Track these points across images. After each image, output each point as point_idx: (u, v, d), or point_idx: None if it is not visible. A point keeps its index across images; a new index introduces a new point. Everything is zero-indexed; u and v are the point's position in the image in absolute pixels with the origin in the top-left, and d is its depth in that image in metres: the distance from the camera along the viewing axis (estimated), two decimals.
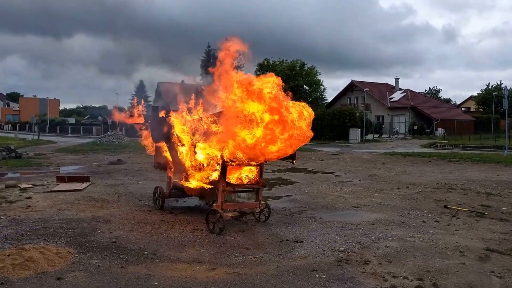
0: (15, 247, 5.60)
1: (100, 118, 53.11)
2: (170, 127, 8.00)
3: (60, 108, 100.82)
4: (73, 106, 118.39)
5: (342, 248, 6.13)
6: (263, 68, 48.47)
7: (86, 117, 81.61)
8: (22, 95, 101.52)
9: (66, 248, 5.78)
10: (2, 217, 7.49)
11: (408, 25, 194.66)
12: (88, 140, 34.99)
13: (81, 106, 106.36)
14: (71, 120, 77.43)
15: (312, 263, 5.48)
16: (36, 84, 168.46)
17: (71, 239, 6.27)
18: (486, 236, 6.92)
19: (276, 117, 6.33)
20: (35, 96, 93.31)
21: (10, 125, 76.74)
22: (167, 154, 8.48)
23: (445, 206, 9.23)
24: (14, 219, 7.35)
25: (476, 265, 5.51)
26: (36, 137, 39.29)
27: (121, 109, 9.95)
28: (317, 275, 5.06)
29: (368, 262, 5.55)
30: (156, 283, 4.76)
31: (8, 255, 5.24)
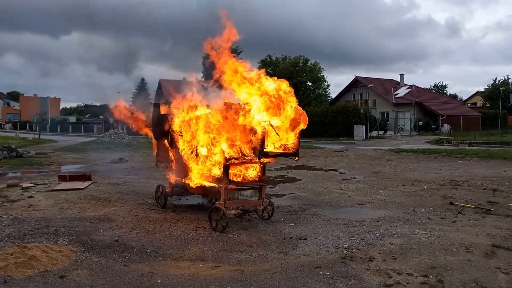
0: (17, 246, 5.60)
1: (101, 116, 53.22)
2: (171, 124, 7.97)
3: (61, 107, 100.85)
4: (73, 104, 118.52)
5: (346, 245, 6.07)
6: (266, 65, 48.41)
7: (87, 115, 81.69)
8: (23, 94, 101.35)
9: (68, 247, 5.77)
10: (4, 216, 7.48)
11: (411, 19, 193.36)
12: (89, 139, 35.16)
13: (82, 104, 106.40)
14: (72, 118, 77.45)
15: (316, 260, 5.43)
16: (36, 82, 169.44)
17: (74, 237, 6.26)
18: (493, 232, 6.84)
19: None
20: (36, 95, 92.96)
21: (10, 124, 76.86)
22: (169, 152, 8.45)
23: (451, 203, 9.14)
24: (16, 218, 7.34)
25: (482, 262, 5.44)
26: (37, 136, 39.42)
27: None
28: (321, 272, 5.01)
29: (372, 259, 5.50)
30: (159, 280, 4.74)
31: (11, 254, 5.24)
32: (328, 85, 56.97)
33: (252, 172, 7.15)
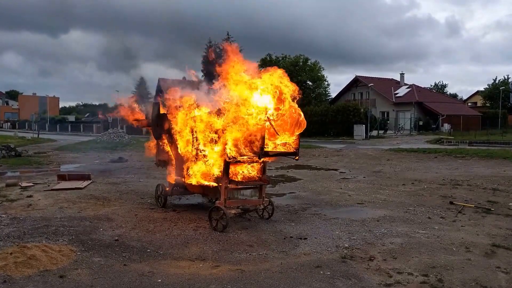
0: (17, 246, 5.58)
1: (100, 115, 53.21)
2: (171, 123, 7.95)
3: (60, 106, 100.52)
4: (73, 104, 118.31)
5: (346, 245, 6.07)
6: (266, 64, 48.32)
7: (86, 115, 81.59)
8: (21, 93, 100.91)
9: (68, 246, 5.76)
10: (3, 215, 7.47)
11: (411, 19, 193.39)
12: (88, 138, 35.09)
13: (81, 104, 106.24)
14: (71, 118, 77.29)
15: (316, 260, 5.43)
16: (35, 81, 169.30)
17: (73, 237, 6.24)
18: (493, 232, 6.83)
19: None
20: (35, 94, 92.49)
21: (9, 123, 76.69)
22: (169, 151, 8.44)
23: (451, 202, 9.13)
24: (16, 218, 7.33)
25: (482, 261, 5.43)
26: (35, 136, 39.28)
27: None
28: (321, 272, 5.00)
29: (372, 258, 5.49)
30: (160, 280, 4.73)
31: (11, 253, 5.23)
32: (328, 85, 56.92)
33: (252, 171, 7.14)
